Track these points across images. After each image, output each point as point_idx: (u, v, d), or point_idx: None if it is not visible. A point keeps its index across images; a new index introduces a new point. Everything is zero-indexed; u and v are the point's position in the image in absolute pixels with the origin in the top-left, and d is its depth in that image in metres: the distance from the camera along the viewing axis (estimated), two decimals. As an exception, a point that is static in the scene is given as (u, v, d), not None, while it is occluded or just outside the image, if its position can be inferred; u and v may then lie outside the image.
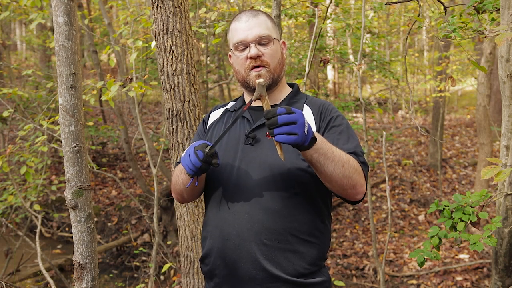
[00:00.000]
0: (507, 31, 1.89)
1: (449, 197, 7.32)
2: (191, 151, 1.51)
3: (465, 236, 2.15)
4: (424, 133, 3.38)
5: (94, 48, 7.30)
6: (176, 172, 1.74)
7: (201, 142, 1.54)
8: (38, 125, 4.34)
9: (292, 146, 1.41)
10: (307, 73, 3.57)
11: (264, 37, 1.66)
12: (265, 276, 1.57)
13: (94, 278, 1.63)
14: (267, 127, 1.38)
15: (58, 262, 6.01)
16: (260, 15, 1.70)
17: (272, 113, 1.36)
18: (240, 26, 1.67)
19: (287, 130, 1.35)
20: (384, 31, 11.05)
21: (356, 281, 5.45)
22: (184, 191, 1.72)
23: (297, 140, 1.36)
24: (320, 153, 1.44)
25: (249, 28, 1.65)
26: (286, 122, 1.35)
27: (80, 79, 1.57)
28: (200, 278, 2.74)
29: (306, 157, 1.47)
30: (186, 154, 1.54)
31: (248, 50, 1.65)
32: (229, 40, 1.75)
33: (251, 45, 1.65)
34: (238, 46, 1.67)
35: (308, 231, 1.62)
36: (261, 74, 1.65)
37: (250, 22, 1.66)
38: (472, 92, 15.29)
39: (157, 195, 4.33)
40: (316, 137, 1.43)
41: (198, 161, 1.49)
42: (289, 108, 1.37)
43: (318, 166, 1.47)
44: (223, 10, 5.07)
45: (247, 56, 1.65)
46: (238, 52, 1.68)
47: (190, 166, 1.51)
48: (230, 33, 1.73)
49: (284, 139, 1.35)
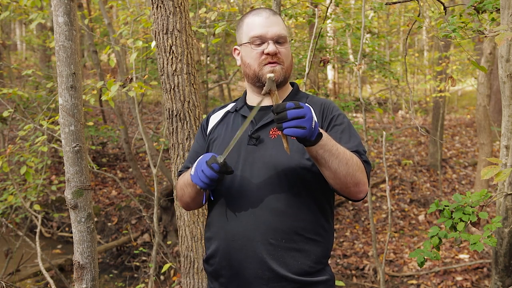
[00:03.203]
0: (507, 31, 1.89)
1: (449, 197, 7.32)
2: (204, 167, 1.50)
3: (465, 236, 2.15)
4: (424, 133, 3.38)
5: (94, 48, 7.30)
6: (181, 185, 1.74)
7: (209, 155, 1.53)
8: (38, 125, 4.34)
9: (299, 140, 1.42)
10: (307, 73, 3.57)
11: (283, 37, 1.68)
12: (271, 276, 1.58)
13: (94, 278, 1.63)
14: (276, 121, 1.39)
15: (58, 262, 6.01)
16: (277, 15, 1.72)
17: (281, 108, 1.38)
18: (260, 21, 1.68)
19: (295, 124, 1.37)
20: (384, 31, 11.04)
21: (356, 281, 5.45)
22: (191, 202, 1.74)
23: (305, 133, 1.38)
24: (325, 149, 1.45)
25: (269, 25, 1.67)
26: (295, 116, 1.37)
27: (80, 79, 1.57)
28: (200, 278, 2.74)
29: (311, 153, 1.47)
30: (197, 170, 1.53)
31: (265, 46, 1.66)
32: (241, 34, 1.73)
33: (269, 42, 1.65)
34: (255, 40, 1.67)
35: (313, 230, 1.63)
36: (275, 70, 1.66)
37: (270, 19, 1.68)
38: (472, 92, 15.29)
39: (157, 195, 4.33)
40: (322, 133, 1.45)
41: (215, 173, 1.49)
42: (297, 103, 1.40)
43: (323, 163, 1.48)
44: (223, 10, 5.07)
45: (263, 51, 1.66)
46: (254, 46, 1.67)
47: (206, 181, 1.51)
48: (245, 26, 1.71)
49: (293, 132, 1.37)
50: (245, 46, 1.70)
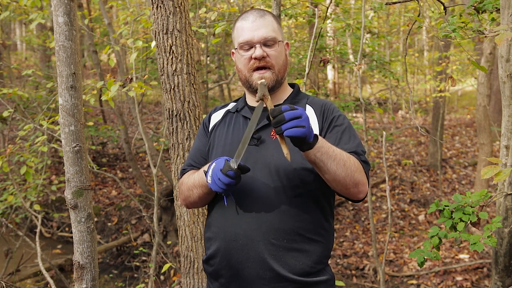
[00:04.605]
0: (507, 31, 1.89)
1: (449, 197, 7.31)
2: (220, 175, 1.50)
3: (465, 236, 2.15)
4: (424, 133, 3.38)
5: (94, 48, 7.29)
6: (189, 187, 1.72)
7: (221, 162, 1.52)
8: (38, 125, 4.34)
9: (297, 143, 1.43)
10: (307, 73, 3.57)
11: (270, 39, 1.66)
12: (272, 276, 1.58)
13: (94, 278, 1.63)
14: (274, 125, 1.40)
15: (58, 262, 6.00)
16: (267, 16, 1.69)
17: (278, 111, 1.40)
18: (247, 26, 1.67)
19: (294, 124, 1.38)
20: (384, 31, 11.04)
21: (356, 281, 5.45)
22: (200, 202, 1.73)
23: (305, 132, 1.39)
24: (322, 152, 1.46)
25: (255, 29, 1.65)
26: (293, 116, 1.38)
27: (80, 79, 1.57)
28: (200, 278, 2.74)
29: (309, 157, 1.48)
30: (214, 178, 1.52)
31: (253, 50, 1.65)
32: (233, 38, 1.74)
33: (256, 46, 1.65)
34: (243, 45, 1.67)
35: (314, 230, 1.63)
36: (265, 77, 1.65)
37: (257, 22, 1.66)
38: (472, 92, 15.28)
39: (157, 195, 4.33)
40: (317, 136, 1.47)
41: (232, 179, 1.48)
42: (292, 105, 1.42)
43: (322, 166, 1.49)
44: (223, 10, 5.06)
45: (251, 56, 1.65)
46: (243, 51, 1.67)
47: (225, 188, 1.51)
48: (235, 31, 1.72)
49: (294, 131, 1.38)
50: (236, 52, 1.71)
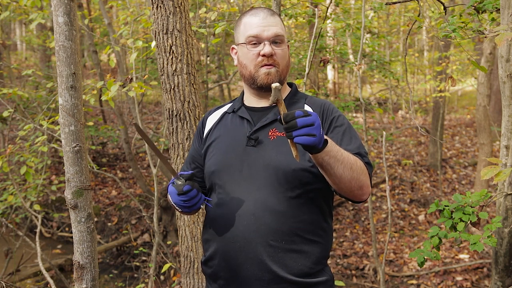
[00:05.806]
0: (507, 31, 1.89)
1: (449, 197, 7.32)
2: (175, 199, 1.59)
3: (465, 236, 2.15)
4: (424, 133, 3.38)
5: (94, 48, 7.29)
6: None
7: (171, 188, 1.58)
8: (38, 125, 4.34)
9: (307, 148, 1.41)
10: (307, 73, 3.57)
11: (279, 37, 1.66)
12: (271, 278, 1.58)
13: (94, 278, 1.63)
14: (285, 130, 1.38)
15: (58, 262, 6.00)
16: (276, 16, 1.70)
17: (291, 116, 1.37)
18: (257, 22, 1.66)
19: (305, 132, 1.36)
20: (384, 31, 11.04)
21: (356, 281, 5.45)
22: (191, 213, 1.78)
23: (315, 141, 1.37)
24: (330, 155, 1.45)
25: (266, 25, 1.65)
26: (305, 124, 1.36)
27: (80, 79, 1.57)
28: (200, 278, 2.74)
29: (317, 160, 1.46)
30: (179, 204, 1.59)
31: (261, 47, 1.64)
32: (238, 33, 1.72)
33: (265, 43, 1.64)
34: (252, 40, 1.65)
35: (313, 231, 1.63)
36: (270, 73, 1.64)
37: (268, 19, 1.66)
38: (472, 92, 15.28)
39: (157, 195, 4.33)
40: (327, 139, 1.44)
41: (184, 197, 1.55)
42: (305, 111, 1.38)
43: (329, 169, 1.47)
44: (223, 10, 5.06)
45: (259, 52, 1.64)
46: (251, 46, 1.66)
47: (193, 202, 1.58)
48: (242, 26, 1.70)
49: (304, 140, 1.36)
50: (241, 46, 1.69)
